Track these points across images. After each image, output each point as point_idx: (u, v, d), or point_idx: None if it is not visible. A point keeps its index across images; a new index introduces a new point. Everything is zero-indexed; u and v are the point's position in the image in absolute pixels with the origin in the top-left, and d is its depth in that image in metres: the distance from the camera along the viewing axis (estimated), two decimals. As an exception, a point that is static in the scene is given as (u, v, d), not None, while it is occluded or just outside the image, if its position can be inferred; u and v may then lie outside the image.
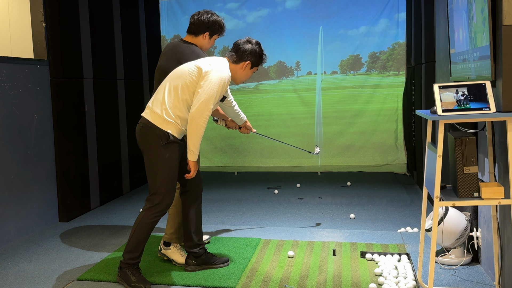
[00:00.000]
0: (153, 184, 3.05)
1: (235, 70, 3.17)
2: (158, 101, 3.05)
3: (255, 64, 3.19)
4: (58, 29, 4.54)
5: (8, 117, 4.00)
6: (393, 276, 3.07)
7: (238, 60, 3.14)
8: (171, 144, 3.01)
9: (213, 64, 3.04)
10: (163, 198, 3.02)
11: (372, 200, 5.24)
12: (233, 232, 4.13)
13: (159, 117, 3.00)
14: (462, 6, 3.04)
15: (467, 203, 2.55)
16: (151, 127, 3.01)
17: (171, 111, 2.99)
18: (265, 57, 3.25)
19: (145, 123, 3.04)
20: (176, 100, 3.00)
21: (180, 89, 3.00)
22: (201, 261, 3.30)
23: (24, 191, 4.17)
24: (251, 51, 3.14)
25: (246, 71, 3.19)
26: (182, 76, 3.03)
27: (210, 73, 2.97)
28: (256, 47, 3.16)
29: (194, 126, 2.94)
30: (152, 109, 3.04)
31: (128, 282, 3.03)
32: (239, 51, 3.13)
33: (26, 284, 3.16)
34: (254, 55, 3.15)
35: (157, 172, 3.02)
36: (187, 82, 2.99)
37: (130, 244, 3.06)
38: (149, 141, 3.03)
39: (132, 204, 5.25)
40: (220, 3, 6.83)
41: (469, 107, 2.45)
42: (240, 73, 3.18)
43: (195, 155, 3.01)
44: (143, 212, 3.06)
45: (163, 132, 2.99)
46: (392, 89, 6.56)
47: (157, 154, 3.01)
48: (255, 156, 6.90)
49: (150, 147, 3.03)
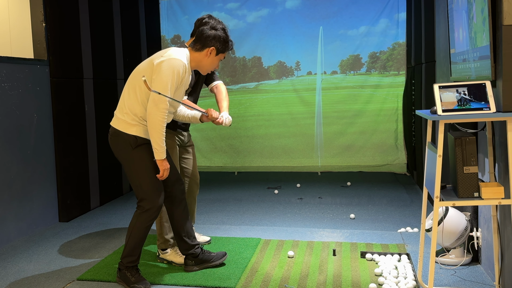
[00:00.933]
0: (137, 191, 3.00)
1: (199, 58, 3.00)
2: (120, 107, 2.99)
3: (220, 50, 3.01)
4: (58, 29, 4.54)
5: (8, 117, 4.00)
6: (393, 276, 3.07)
7: (201, 48, 2.98)
8: (141, 146, 2.93)
9: (167, 55, 2.86)
10: (152, 202, 2.97)
11: (372, 200, 5.24)
12: (233, 232, 4.13)
13: (122, 122, 2.94)
14: (462, 6, 3.04)
15: (467, 203, 2.55)
16: (118, 134, 2.95)
17: (132, 113, 2.91)
18: (231, 42, 3.06)
19: (113, 131, 2.99)
20: (135, 100, 2.90)
21: (138, 88, 2.90)
22: (200, 261, 3.29)
23: (24, 191, 4.17)
24: (215, 36, 2.96)
25: (211, 58, 3.01)
26: (137, 75, 2.94)
27: (161, 64, 2.81)
28: (220, 32, 2.99)
29: (151, 122, 2.81)
30: (116, 116, 2.99)
31: (128, 283, 3.03)
32: (202, 38, 2.97)
33: (26, 284, 3.16)
34: (218, 40, 2.98)
35: (138, 178, 2.96)
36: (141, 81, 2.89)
37: (127, 248, 3.04)
38: (120, 148, 2.97)
39: (132, 204, 5.24)
40: (220, 3, 6.83)
41: (469, 107, 2.45)
42: (205, 61, 3.02)
43: (160, 153, 2.86)
44: (136, 218, 3.01)
45: (129, 136, 2.92)
46: (392, 89, 6.56)
47: (131, 159, 2.95)
48: (255, 156, 6.90)
49: (123, 154, 2.97)
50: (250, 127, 6.92)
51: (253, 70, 6.87)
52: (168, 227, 3.46)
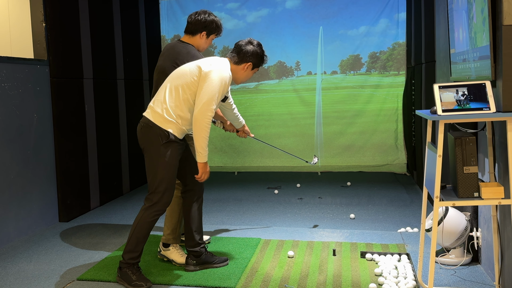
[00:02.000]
0: (152, 183, 3.06)
1: (236, 71, 3.18)
2: (159, 101, 3.07)
3: (256, 65, 3.22)
4: (58, 29, 4.54)
5: (8, 117, 4.00)
6: (393, 276, 3.07)
7: (239, 62, 3.16)
8: (171, 143, 3.02)
9: (214, 64, 3.05)
10: (162, 197, 3.04)
11: (372, 200, 5.24)
12: (233, 232, 4.13)
13: (159, 116, 3.02)
14: (462, 6, 3.04)
15: (467, 203, 2.55)
16: (151, 126, 3.03)
17: (172, 111, 3.01)
18: (266, 58, 3.27)
19: (146, 122, 3.07)
20: (177, 99, 3.02)
21: (181, 89, 3.02)
22: (201, 261, 3.30)
23: (24, 191, 4.17)
24: (253, 52, 3.15)
25: (247, 72, 3.21)
26: (183, 76, 3.04)
27: (211, 73, 2.99)
28: (258, 49, 3.18)
29: (198, 128, 2.95)
30: (153, 109, 3.07)
31: (129, 282, 3.03)
32: (241, 53, 3.15)
33: (26, 284, 3.16)
34: (256, 56, 3.17)
35: (157, 171, 3.03)
36: (187, 82, 3.01)
37: (129, 243, 3.07)
38: (149, 140, 3.05)
39: (132, 204, 5.24)
40: (220, 3, 6.83)
41: (469, 107, 2.45)
42: (241, 73, 3.20)
43: (202, 157, 3.02)
44: (142, 211, 3.07)
45: (163, 131, 3.00)
46: (392, 89, 6.56)
47: (157, 153, 3.02)
48: (255, 156, 6.90)
49: (150, 146, 3.05)
50: (250, 127, 6.89)
51: (254, 71, 6.86)
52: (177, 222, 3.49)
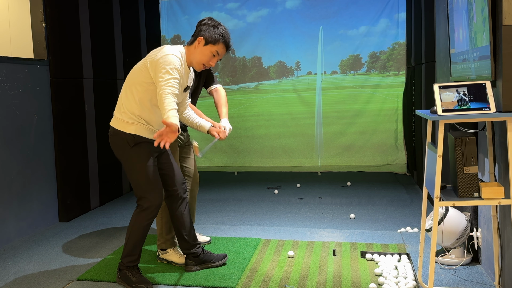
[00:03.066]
0: (136, 189, 3.01)
1: (190, 51, 2.97)
2: (118, 106, 3.02)
3: (209, 40, 2.93)
4: (58, 29, 4.54)
5: (8, 117, 4.00)
6: (393, 276, 3.07)
7: (192, 40, 2.98)
8: (139, 144, 2.95)
9: (160, 52, 2.85)
10: (151, 201, 2.98)
11: (372, 200, 5.24)
12: (233, 232, 4.13)
13: (120, 121, 2.96)
14: (462, 6, 3.04)
15: (467, 203, 2.55)
16: (117, 133, 2.98)
17: (130, 112, 2.94)
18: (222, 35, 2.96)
19: (111, 130, 3.02)
20: (132, 99, 2.93)
21: (133, 88, 2.93)
22: (200, 261, 3.29)
23: (24, 191, 4.17)
24: (205, 25, 2.96)
25: (200, 48, 2.94)
26: (133, 74, 2.97)
27: (158, 59, 2.80)
28: (210, 22, 2.97)
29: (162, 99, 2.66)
30: (115, 115, 3.02)
31: (129, 283, 3.02)
32: (195, 32, 3.00)
33: (26, 284, 3.16)
34: (206, 29, 2.94)
35: (136, 176, 2.98)
36: (138, 78, 2.90)
37: (126, 248, 3.05)
38: (118, 147, 2.99)
39: (132, 204, 5.24)
40: (220, 3, 6.83)
41: (469, 107, 2.45)
42: (195, 53, 2.95)
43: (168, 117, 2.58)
44: (135, 217, 3.02)
45: (127, 135, 2.94)
46: (392, 89, 6.56)
47: (129, 157, 2.97)
48: (255, 156, 6.90)
49: (122, 152, 2.99)
50: (250, 127, 6.92)
51: (253, 70, 6.87)
52: (169, 226, 3.46)
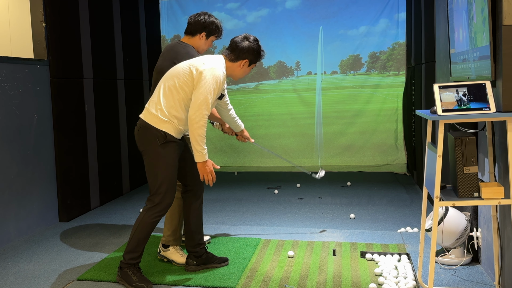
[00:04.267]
0: (153, 184, 3.05)
1: (233, 68, 3.15)
2: (153, 102, 3.06)
3: (253, 61, 3.17)
4: (58, 29, 4.54)
5: (8, 117, 4.00)
6: (393, 276, 3.07)
7: (235, 59, 3.12)
8: (168, 143, 3.01)
9: (207, 63, 3.01)
10: (163, 198, 3.03)
11: (372, 200, 5.24)
12: (233, 232, 4.13)
13: (154, 117, 3.01)
14: (462, 6, 3.04)
15: (467, 203, 2.55)
16: (148, 127, 3.02)
17: (166, 111, 3.00)
18: (263, 53, 3.22)
19: (142, 124, 3.06)
20: (171, 99, 3.00)
21: (174, 89, 3.00)
22: (202, 261, 3.30)
23: (24, 191, 4.17)
24: (249, 49, 3.11)
25: (244, 69, 3.17)
26: (176, 75, 3.02)
27: (204, 72, 2.95)
28: (253, 44, 3.13)
29: (194, 128, 2.93)
30: (148, 110, 3.06)
31: (129, 282, 3.03)
32: (237, 50, 3.11)
33: (26, 284, 3.16)
34: (252, 53, 3.13)
35: (157, 172, 3.03)
36: (180, 82, 2.99)
37: (130, 244, 3.06)
38: (146, 141, 3.04)
39: (132, 204, 5.24)
40: (220, 3, 6.84)
41: (469, 107, 2.45)
42: (238, 71, 3.17)
43: (200, 156, 2.98)
44: (144, 212, 3.06)
45: (159, 131, 2.99)
46: (392, 89, 6.56)
47: (155, 154, 3.01)
48: (255, 156, 6.90)
49: (148, 147, 3.04)
50: (250, 127, 6.91)
51: (253, 70, 6.87)
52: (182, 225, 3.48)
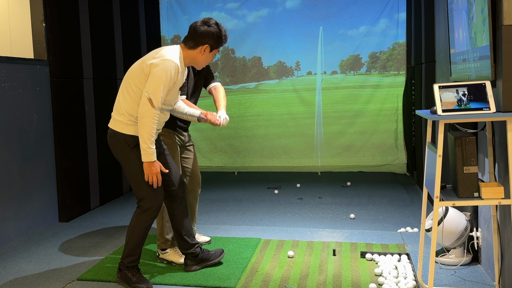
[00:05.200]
0: (136, 191, 3.00)
1: (193, 55, 2.99)
2: (116, 108, 3.00)
3: (214, 46, 3.00)
4: (58, 29, 4.54)
5: (8, 117, 4.00)
6: (393, 276, 3.07)
7: (194, 45, 2.96)
8: (139, 146, 2.92)
9: (158, 55, 2.87)
10: (152, 202, 2.99)
11: (372, 200, 5.24)
12: (233, 232, 4.13)
13: (120, 122, 2.95)
14: (462, 6, 3.04)
15: (467, 203, 2.55)
16: (116, 134, 2.96)
17: (129, 114, 2.92)
18: (225, 36, 3.02)
19: (110, 132, 3.00)
20: (131, 101, 2.91)
21: (131, 90, 2.91)
22: (199, 260, 3.30)
23: (24, 191, 4.17)
24: (208, 33, 2.94)
25: (206, 55, 3.00)
26: (130, 76, 2.94)
27: (153, 66, 2.82)
28: (213, 29, 2.96)
29: (142, 123, 2.81)
30: (113, 117, 3.00)
31: (129, 283, 3.03)
32: (195, 35, 2.96)
33: (26, 284, 3.16)
34: (212, 37, 2.96)
35: (136, 177, 2.96)
36: (135, 82, 2.89)
37: (127, 248, 3.05)
38: (118, 149, 2.98)
39: (132, 204, 5.24)
40: (220, 3, 6.83)
41: (469, 107, 2.45)
42: (200, 58, 3.00)
43: (147, 155, 2.84)
44: (135, 218, 3.02)
45: (127, 136, 2.93)
46: (392, 89, 6.56)
47: (130, 159, 2.95)
48: (255, 156, 6.90)
49: (122, 154, 2.98)
50: (250, 127, 6.92)
51: (253, 70, 6.87)
52: (168, 226, 3.46)
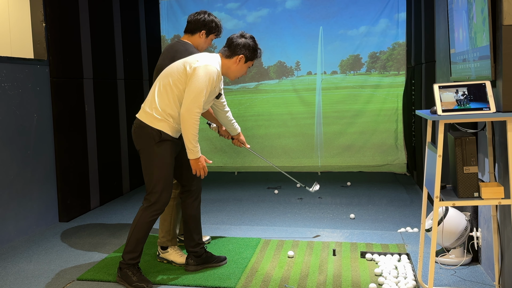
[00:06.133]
0: (149, 183, 3.05)
1: (228, 65, 3.11)
2: (148, 101, 3.07)
3: (249, 58, 3.13)
4: (58, 29, 4.54)
5: (8, 117, 4.00)
6: (393, 276, 3.08)
7: (231, 55, 3.09)
8: (164, 142, 3.01)
9: (201, 60, 2.99)
10: (160, 197, 3.03)
11: (372, 200, 5.24)
12: (233, 232, 4.13)
13: (150, 116, 3.01)
14: (462, 6, 3.04)
15: (467, 203, 2.55)
16: (143, 126, 3.03)
17: (161, 109, 2.99)
18: (260, 51, 3.18)
19: (138, 123, 3.07)
20: (166, 98, 3.00)
21: (168, 87, 3.00)
22: (202, 261, 3.30)
23: (24, 191, 4.17)
24: (244, 44, 3.09)
25: (240, 65, 3.12)
26: (171, 73, 3.02)
27: (197, 69, 2.93)
28: (250, 41, 3.11)
29: (185, 125, 2.92)
30: (144, 109, 3.07)
31: (129, 282, 3.03)
32: (232, 45, 3.09)
33: (26, 284, 3.16)
34: (248, 48, 3.10)
35: (152, 171, 3.03)
36: (175, 80, 2.98)
37: (129, 244, 3.06)
38: (142, 140, 3.04)
39: (132, 204, 5.24)
40: (220, 3, 6.83)
41: (469, 107, 2.45)
42: (234, 68, 3.12)
43: (193, 153, 2.99)
44: (141, 212, 3.06)
45: (155, 130, 3.00)
46: (392, 89, 6.56)
47: (151, 152, 3.02)
48: (255, 156, 6.89)
49: (144, 146, 3.04)
50: (250, 127, 6.91)
51: (253, 70, 6.87)
52: (176, 223, 3.48)
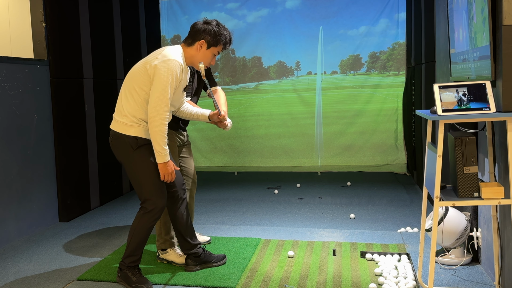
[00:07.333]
0: (140, 192, 3.00)
1: (191, 53, 2.98)
2: (118, 109, 3.00)
3: (211, 43, 2.97)
4: (58, 29, 4.54)
5: (8, 117, 4.00)
6: (393, 276, 3.08)
7: (192, 42, 2.97)
8: (142, 147, 2.94)
9: (161, 56, 2.87)
10: (155, 203, 2.98)
11: (372, 200, 5.24)
12: (233, 232, 4.13)
13: (121, 124, 2.94)
14: (462, 6, 3.04)
15: (467, 203, 2.55)
16: (118, 136, 2.96)
17: (131, 115, 2.91)
18: (226, 37, 3.00)
19: (112, 134, 3.00)
20: (134, 103, 2.91)
21: (134, 92, 2.91)
22: (201, 261, 3.30)
23: (24, 191, 4.17)
24: (205, 29, 2.95)
25: (203, 52, 2.98)
26: (133, 77, 2.94)
27: (157, 67, 2.82)
28: (212, 26, 2.95)
29: (153, 125, 2.82)
30: (115, 118, 3.00)
31: (129, 283, 3.03)
32: (192, 31, 2.98)
33: (26, 284, 3.16)
34: (209, 33, 2.95)
35: (140, 179, 2.97)
36: (139, 83, 2.89)
37: (129, 248, 3.05)
38: (121, 151, 2.98)
39: (132, 204, 5.24)
40: (220, 3, 6.83)
41: (469, 107, 2.45)
42: (197, 55, 2.98)
43: (161, 156, 2.87)
44: (139, 219, 3.01)
45: (129, 138, 2.92)
46: (392, 89, 6.56)
47: (133, 161, 2.95)
48: (255, 156, 6.90)
49: (124, 156, 2.98)
50: (250, 127, 6.92)
51: (253, 70, 6.87)
52: (167, 227, 3.46)
